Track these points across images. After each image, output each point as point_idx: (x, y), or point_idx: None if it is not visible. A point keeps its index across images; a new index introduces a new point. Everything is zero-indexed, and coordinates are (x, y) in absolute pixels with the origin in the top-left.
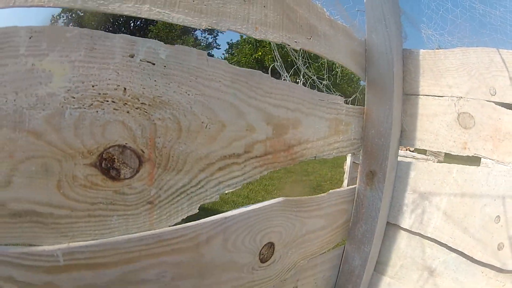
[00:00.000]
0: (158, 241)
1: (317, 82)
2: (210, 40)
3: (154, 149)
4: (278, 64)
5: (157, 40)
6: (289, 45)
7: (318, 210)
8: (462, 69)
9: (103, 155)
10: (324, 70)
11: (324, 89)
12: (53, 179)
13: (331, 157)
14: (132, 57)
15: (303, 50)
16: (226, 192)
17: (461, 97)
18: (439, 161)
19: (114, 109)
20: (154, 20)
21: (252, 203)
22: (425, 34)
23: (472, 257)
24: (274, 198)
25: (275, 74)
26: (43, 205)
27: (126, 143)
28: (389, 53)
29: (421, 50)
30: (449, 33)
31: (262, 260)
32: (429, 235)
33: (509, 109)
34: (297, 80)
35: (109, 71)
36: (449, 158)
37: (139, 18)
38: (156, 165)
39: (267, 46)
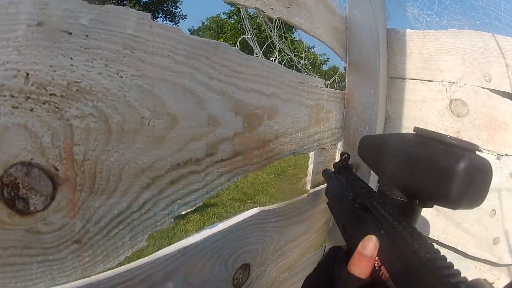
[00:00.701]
0: None
1: (295, 60)
2: (171, 25)
3: (72, 164)
4: (249, 36)
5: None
6: (264, 12)
7: (299, 215)
8: (454, 53)
9: (4, 179)
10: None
11: (303, 69)
12: None
13: (310, 152)
14: (41, 25)
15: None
16: (184, 212)
17: (454, 83)
18: None
19: (13, 107)
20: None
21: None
22: (411, 14)
23: (465, 253)
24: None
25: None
26: None
27: (31, 159)
28: (374, 31)
29: (408, 30)
30: (437, 14)
31: (237, 286)
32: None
33: (505, 97)
34: (271, 59)
35: (8, 51)
36: None
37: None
38: (78, 187)
39: (228, 31)
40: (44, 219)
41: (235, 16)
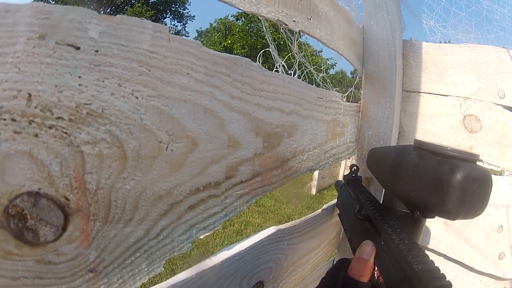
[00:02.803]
0: None
1: (315, 74)
2: (180, 28)
3: (85, 193)
4: (271, 49)
5: (87, 8)
6: (286, 25)
7: (312, 231)
8: (469, 67)
9: (9, 210)
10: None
11: (321, 83)
12: None
13: (326, 168)
14: (43, 38)
15: (295, 35)
16: (202, 237)
17: (468, 98)
18: None
19: (14, 132)
20: (123, 9)
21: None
22: (427, 26)
23: (471, 267)
24: None
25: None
26: None
27: (39, 188)
28: (391, 43)
29: (424, 43)
30: (452, 26)
31: None
32: (426, 245)
33: None
34: (289, 72)
35: (6, 68)
36: None
37: (107, 6)
38: (91, 217)
39: (236, 34)
40: (55, 250)
41: (243, 19)
